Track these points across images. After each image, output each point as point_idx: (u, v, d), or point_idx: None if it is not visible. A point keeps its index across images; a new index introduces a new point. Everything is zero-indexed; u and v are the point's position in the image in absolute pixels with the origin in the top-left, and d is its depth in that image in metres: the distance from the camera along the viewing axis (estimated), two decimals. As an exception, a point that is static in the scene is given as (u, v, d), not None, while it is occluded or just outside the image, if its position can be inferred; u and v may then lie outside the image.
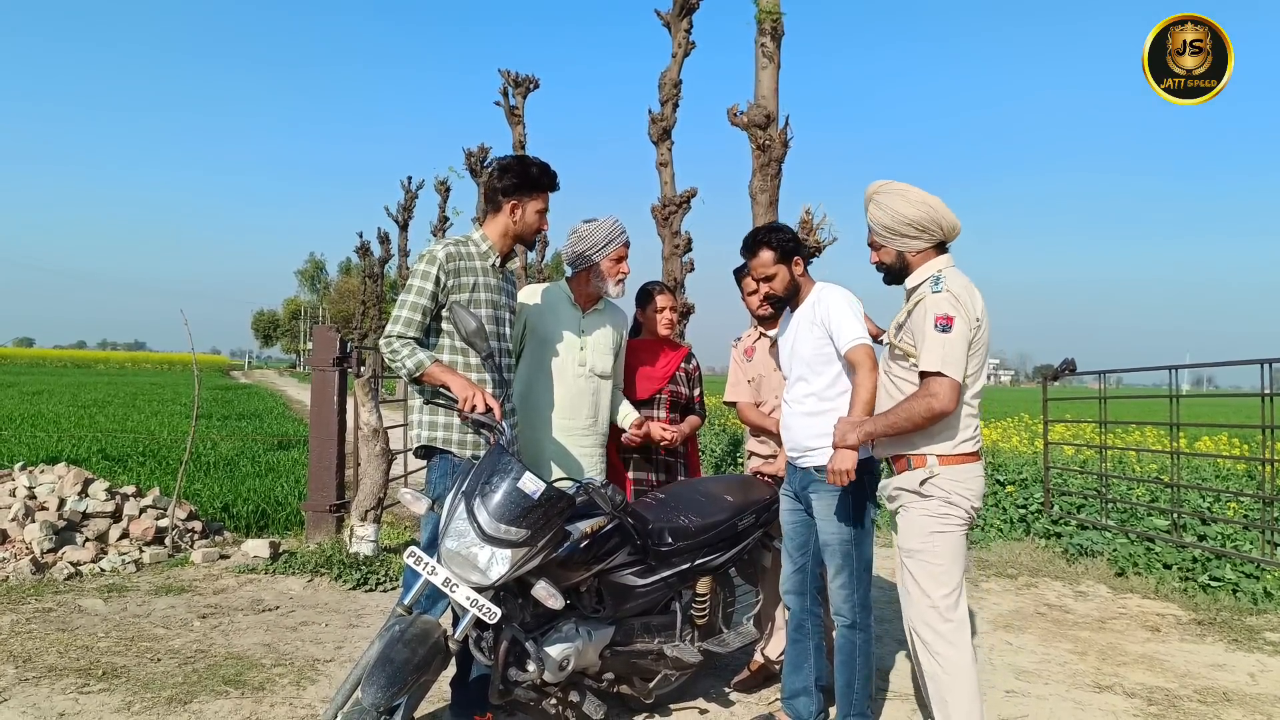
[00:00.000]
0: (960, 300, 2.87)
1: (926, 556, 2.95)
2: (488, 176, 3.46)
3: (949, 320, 2.85)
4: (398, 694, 2.69)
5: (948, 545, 2.94)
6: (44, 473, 6.41)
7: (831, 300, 3.38)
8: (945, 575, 2.94)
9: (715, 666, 3.99)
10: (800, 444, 3.38)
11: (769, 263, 3.42)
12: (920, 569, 2.97)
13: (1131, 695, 4.09)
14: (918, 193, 3.02)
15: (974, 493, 2.97)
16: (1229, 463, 11.45)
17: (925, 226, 2.99)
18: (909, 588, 3.01)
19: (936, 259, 3.04)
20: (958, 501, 2.93)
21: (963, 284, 2.94)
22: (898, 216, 3.01)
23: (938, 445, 2.95)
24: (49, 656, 4.08)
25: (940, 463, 2.94)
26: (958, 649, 2.91)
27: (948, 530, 2.94)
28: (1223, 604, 5.67)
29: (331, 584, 5.56)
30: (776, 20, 7.80)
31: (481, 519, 2.79)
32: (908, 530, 3.01)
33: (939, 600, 2.93)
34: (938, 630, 2.93)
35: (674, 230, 9.73)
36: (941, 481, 2.93)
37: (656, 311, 4.18)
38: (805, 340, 3.40)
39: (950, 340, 2.84)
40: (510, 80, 15.24)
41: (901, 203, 3.01)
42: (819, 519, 3.31)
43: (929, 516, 2.95)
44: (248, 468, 10.11)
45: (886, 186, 3.08)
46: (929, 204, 3.00)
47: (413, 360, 3.19)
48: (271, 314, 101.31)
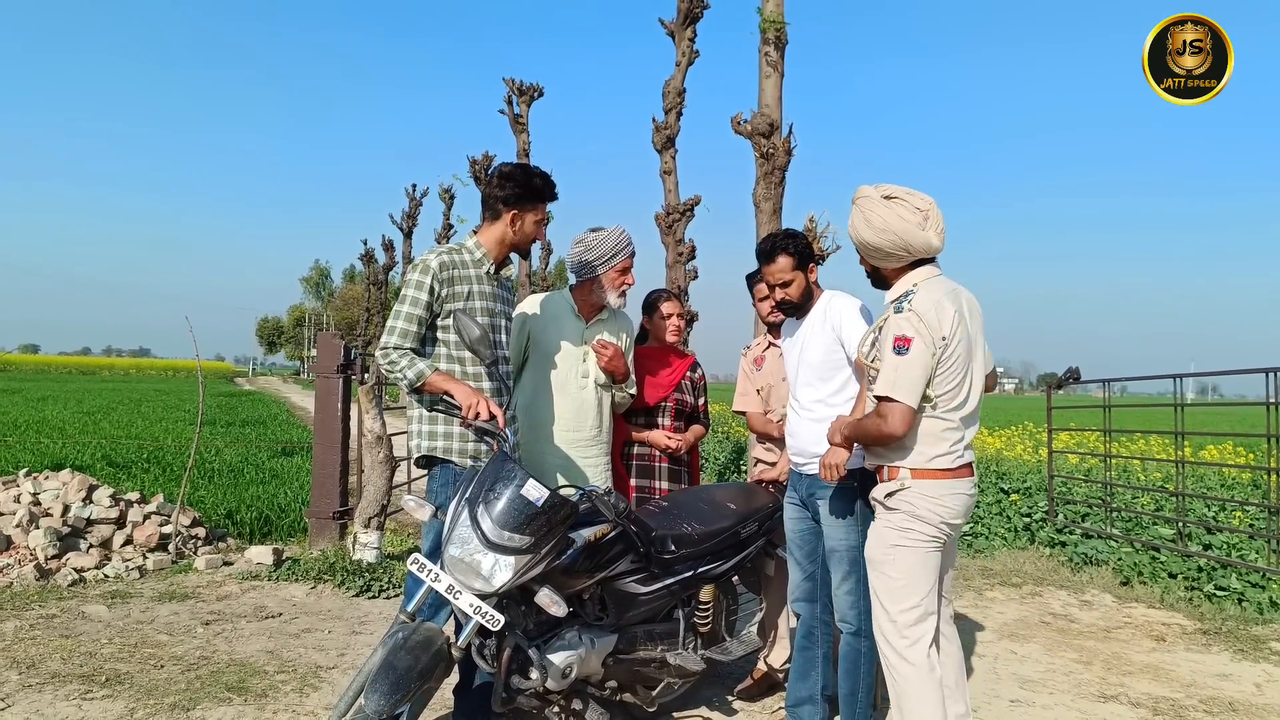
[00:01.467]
0: (925, 320, 2.78)
1: (886, 569, 2.92)
2: (488, 183, 3.43)
3: (906, 342, 2.78)
4: (401, 701, 2.69)
5: (908, 561, 2.88)
6: (48, 479, 6.42)
7: (843, 307, 3.39)
8: (904, 591, 2.88)
9: (718, 675, 3.99)
10: (807, 450, 3.37)
11: (786, 269, 3.40)
12: (879, 581, 2.94)
13: (1137, 705, 4.07)
14: (883, 215, 2.87)
15: (949, 510, 2.88)
16: (1234, 471, 11.41)
17: (889, 252, 2.91)
18: (872, 598, 3.00)
19: (913, 273, 2.95)
20: (925, 517, 2.86)
21: (933, 300, 2.83)
22: (862, 240, 2.94)
23: (910, 459, 2.88)
24: (52, 663, 4.08)
25: (913, 476, 2.88)
26: (914, 666, 2.87)
27: (909, 545, 2.87)
28: (1228, 613, 5.64)
29: (335, 591, 5.56)
30: (780, 29, 7.82)
31: (485, 526, 2.79)
32: (871, 540, 3.00)
33: (896, 615, 2.89)
34: (894, 645, 2.90)
35: (677, 238, 9.74)
36: (910, 496, 2.87)
37: (664, 319, 4.18)
38: (815, 346, 3.40)
39: (905, 363, 2.77)
40: (515, 89, 15.29)
41: (865, 228, 2.91)
42: (825, 525, 3.30)
43: (891, 529, 2.91)
44: (251, 474, 10.12)
45: (861, 199, 2.96)
46: (892, 231, 2.86)
47: (413, 370, 3.19)
48: (276, 321, 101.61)
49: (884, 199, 2.90)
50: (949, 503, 2.88)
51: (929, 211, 2.90)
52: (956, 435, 2.89)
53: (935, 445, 2.86)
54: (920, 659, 2.88)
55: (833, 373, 3.36)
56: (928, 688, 2.87)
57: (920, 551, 2.88)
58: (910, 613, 2.88)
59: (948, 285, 2.94)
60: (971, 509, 3.01)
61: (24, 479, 6.38)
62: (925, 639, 2.90)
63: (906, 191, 2.92)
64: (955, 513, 2.90)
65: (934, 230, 2.89)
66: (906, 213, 2.87)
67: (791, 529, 3.49)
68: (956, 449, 2.88)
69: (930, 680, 2.88)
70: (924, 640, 2.89)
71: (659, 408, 4.09)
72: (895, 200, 2.90)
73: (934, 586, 2.92)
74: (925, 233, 2.87)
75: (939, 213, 2.93)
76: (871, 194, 2.93)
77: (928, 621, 2.91)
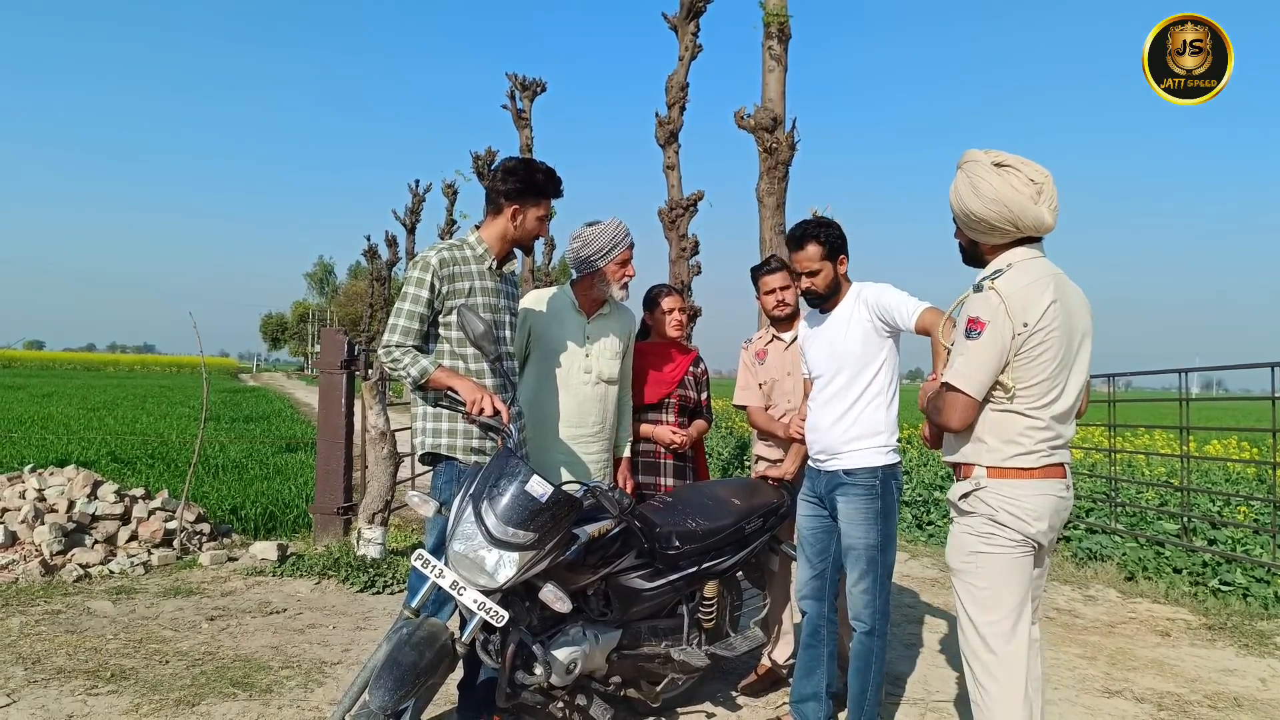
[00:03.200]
0: (1007, 302, 2.50)
1: (969, 578, 2.65)
2: (490, 178, 3.41)
3: (979, 325, 2.52)
4: (405, 697, 2.69)
5: (992, 567, 2.60)
6: (53, 475, 6.44)
7: (877, 288, 3.35)
8: (991, 600, 2.60)
9: (722, 670, 3.98)
10: (830, 446, 3.31)
11: (815, 258, 3.33)
12: (963, 590, 2.68)
13: (1141, 700, 4.06)
14: (995, 184, 2.57)
15: (1030, 514, 2.57)
16: (1239, 466, 11.40)
17: (995, 225, 2.60)
18: (957, 609, 2.72)
19: (1011, 251, 2.64)
20: (1005, 520, 2.57)
21: (1023, 283, 2.54)
22: (966, 210, 2.64)
23: (985, 456, 2.60)
24: (58, 658, 4.09)
25: (989, 475, 2.60)
26: (1002, 685, 2.58)
27: (992, 551, 2.60)
28: (1233, 608, 5.63)
29: (339, 586, 5.57)
30: (783, 23, 7.80)
31: (489, 522, 2.78)
32: (951, 547, 2.74)
33: (984, 627, 2.61)
34: (983, 660, 2.62)
35: (681, 233, 9.74)
36: (987, 496, 2.59)
37: (665, 314, 4.18)
38: (854, 337, 3.31)
39: (974, 349, 2.53)
40: (517, 84, 15.26)
41: (971, 197, 2.61)
42: (846, 523, 3.26)
43: (971, 535, 2.64)
44: (256, 470, 10.13)
45: (969, 164, 2.65)
46: (1002, 202, 2.55)
47: (416, 367, 3.18)
48: (280, 317, 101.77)
49: (995, 165, 2.61)
50: (1032, 504, 2.58)
51: (1044, 184, 2.61)
52: (1043, 434, 2.58)
53: (1014, 442, 2.58)
54: (1014, 679, 2.59)
55: (872, 361, 3.31)
56: (1016, 706, 2.57)
57: (1006, 558, 2.59)
58: (1000, 624, 2.60)
59: (1049, 269, 2.63)
60: (1063, 512, 2.68)
61: (29, 475, 6.40)
62: (1020, 656, 2.60)
63: (1021, 160, 2.64)
64: (1039, 515, 2.58)
65: (1047, 205, 2.59)
66: (1020, 183, 2.58)
67: (805, 526, 3.46)
68: (1041, 448, 2.58)
69: (1021, 699, 2.58)
70: (1019, 658, 2.60)
71: (662, 404, 4.09)
72: (1008, 169, 2.61)
73: (1026, 595, 2.62)
74: (1039, 207, 2.57)
75: (1054, 187, 2.63)
76: (982, 159, 2.64)
77: (1019, 634, 2.60)
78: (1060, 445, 2.63)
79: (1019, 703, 2.58)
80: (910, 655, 4.61)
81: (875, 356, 3.32)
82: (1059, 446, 2.63)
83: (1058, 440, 2.62)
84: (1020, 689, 2.59)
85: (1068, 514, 2.75)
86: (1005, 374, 2.56)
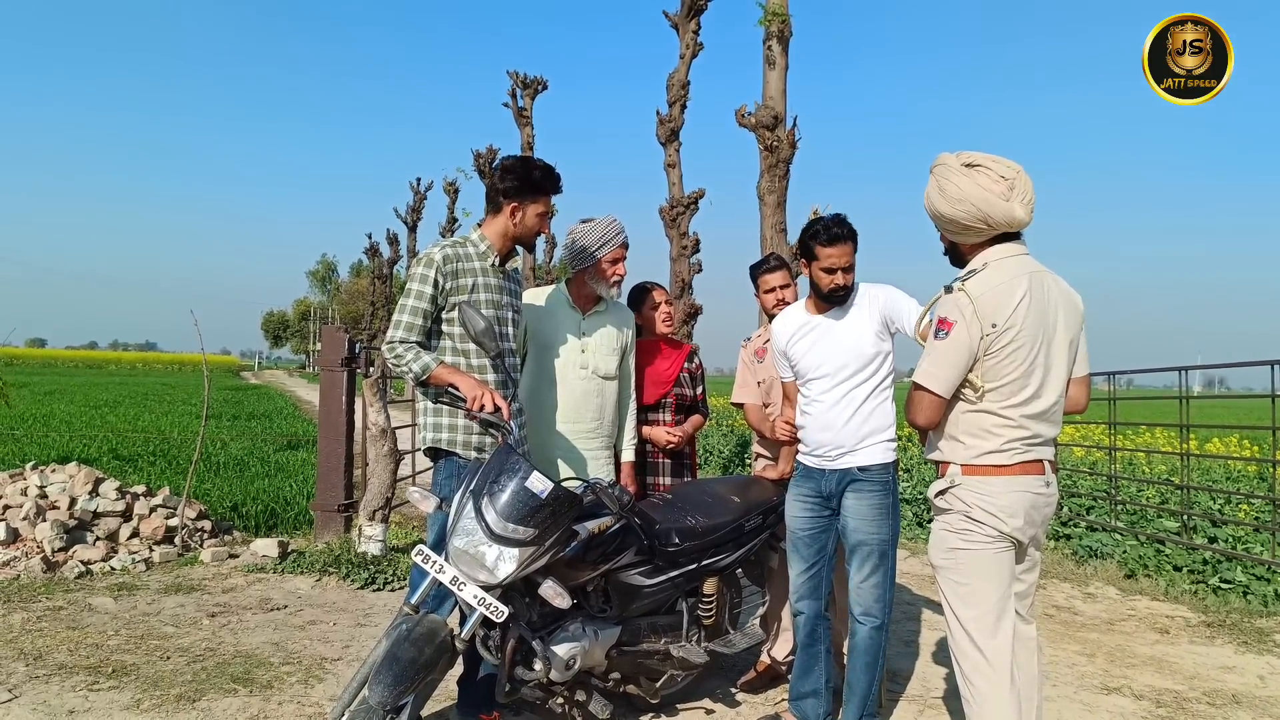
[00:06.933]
0: (976, 302, 2.54)
1: (950, 574, 2.70)
2: (490, 176, 3.44)
3: (946, 325, 2.57)
4: (404, 692, 2.70)
5: (972, 562, 2.64)
6: (55, 472, 6.45)
7: (887, 291, 3.37)
8: (971, 595, 2.64)
9: (721, 667, 3.99)
10: (843, 443, 3.28)
11: (850, 253, 3.31)
12: (946, 586, 2.73)
13: (1140, 697, 4.07)
14: (960, 184, 2.60)
15: (1004, 510, 2.59)
16: (1240, 464, 11.39)
17: (967, 225, 2.63)
18: (944, 605, 2.76)
19: (988, 250, 2.66)
20: (980, 517, 2.61)
21: (995, 283, 2.57)
22: (936, 212, 2.69)
23: (960, 453, 2.65)
24: (59, 654, 4.10)
25: (963, 472, 2.65)
26: (989, 681, 2.61)
27: (970, 547, 2.64)
28: (1233, 606, 5.64)
29: (339, 583, 5.58)
30: (784, 22, 7.80)
31: (489, 518, 2.79)
32: (932, 543, 2.79)
33: (967, 623, 2.65)
34: (970, 658, 2.66)
35: (682, 231, 9.75)
36: (962, 493, 2.64)
37: (653, 309, 4.13)
38: (865, 335, 3.32)
39: (940, 349, 2.58)
40: (519, 82, 15.27)
41: (939, 199, 2.65)
42: (857, 519, 3.25)
43: (949, 531, 2.69)
44: (257, 468, 10.15)
45: (939, 168, 2.69)
46: (969, 201, 2.59)
47: (419, 364, 3.20)
48: (281, 315, 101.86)
49: (964, 167, 2.64)
50: (1006, 501, 2.60)
51: (1014, 180, 2.60)
52: (1016, 432, 2.60)
53: (984, 440, 2.62)
54: (1000, 676, 2.62)
55: (883, 360, 3.34)
56: (1004, 701, 2.61)
57: (985, 553, 2.63)
58: (984, 619, 2.64)
59: (1026, 266, 2.63)
60: (1044, 509, 2.70)
61: (31, 472, 6.41)
62: (1003, 651, 2.63)
63: (991, 159, 2.64)
64: (1012, 512, 2.60)
65: (1019, 201, 2.60)
66: (988, 181, 2.60)
67: (800, 525, 3.40)
68: (1015, 445, 2.61)
69: (1008, 694, 2.61)
70: (1001, 652, 2.63)
71: (659, 404, 4.08)
72: (977, 168, 2.63)
73: (1008, 591, 2.65)
74: (1009, 204, 2.58)
75: (1027, 181, 2.62)
76: (950, 161, 2.67)
77: (1002, 629, 2.64)
78: (1038, 443, 2.65)
79: (1006, 698, 2.61)
80: (909, 652, 4.62)
81: (883, 355, 3.35)
82: (1036, 444, 2.65)
83: (1034, 438, 2.64)
84: (1007, 684, 2.61)
85: (1050, 511, 2.76)
86: (974, 373, 2.61)
